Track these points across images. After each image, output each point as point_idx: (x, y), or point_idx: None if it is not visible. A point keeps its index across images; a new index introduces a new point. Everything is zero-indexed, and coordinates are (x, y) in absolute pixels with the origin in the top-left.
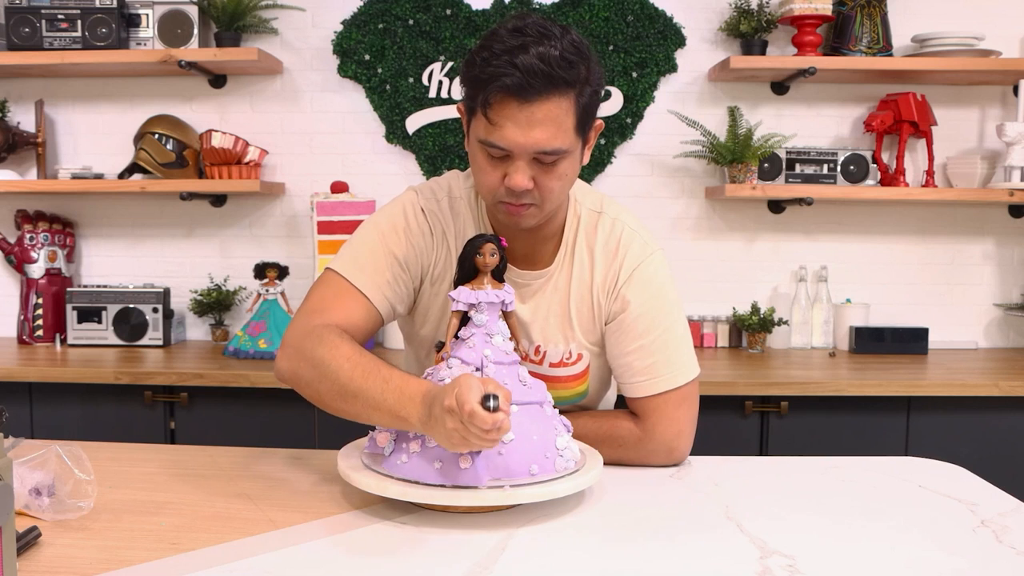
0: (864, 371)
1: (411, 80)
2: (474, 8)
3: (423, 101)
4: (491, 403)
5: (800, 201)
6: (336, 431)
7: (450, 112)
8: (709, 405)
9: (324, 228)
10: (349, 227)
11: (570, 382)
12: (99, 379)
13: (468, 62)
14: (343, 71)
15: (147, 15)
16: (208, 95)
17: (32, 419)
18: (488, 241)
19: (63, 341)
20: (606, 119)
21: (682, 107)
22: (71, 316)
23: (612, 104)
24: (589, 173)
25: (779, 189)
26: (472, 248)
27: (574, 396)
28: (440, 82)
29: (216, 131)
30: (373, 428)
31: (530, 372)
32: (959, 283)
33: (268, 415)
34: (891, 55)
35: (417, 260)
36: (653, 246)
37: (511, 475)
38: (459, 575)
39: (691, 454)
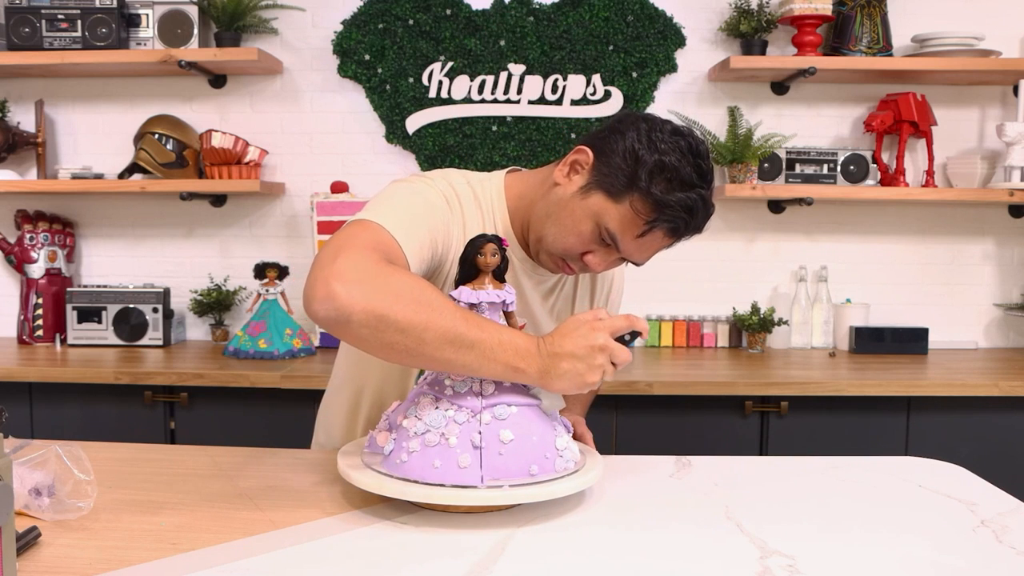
0: (864, 371)
1: (411, 80)
2: (474, 8)
3: (423, 101)
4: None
5: (800, 201)
6: None
7: (450, 112)
8: (709, 405)
9: (324, 228)
10: None
11: None
12: (99, 379)
13: (649, 171)
14: (343, 71)
15: (147, 15)
16: (208, 95)
17: (32, 419)
18: (490, 241)
19: (63, 341)
20: (606, 119)
21: (682, 107)
22: (71, 316)
23: (612, 104)
24: None
25: (779, 189)
26: (473, 248)
27: None
28: (440, 82)
29: (216, 131)
30: (372, 426)
31: None
32: (959, 283)
33: (268, 415)
34: (891, 55)
35: (442, 248)
36: None
37: (511, 475)
38: (459, 575)
39: (691, 454)
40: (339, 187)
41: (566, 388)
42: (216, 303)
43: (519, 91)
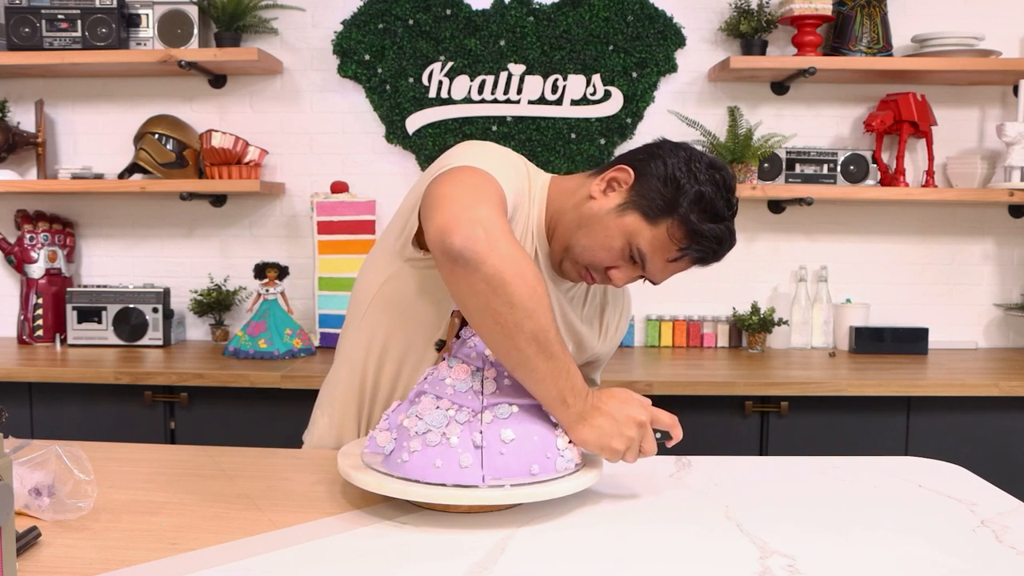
0: (864, 371)
1: (411, 80)
2: (474, 8)
3: (423, 101)
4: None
5: (800, 201)
6: None
7: (450, 112)
8: (709, 405)
9: (324, 228)
10: (349, 227)
11: None
12: (99, 379)
13: (690, 201)
14: (343, 71)
15: (147, 15)
16: (208, 95)
17: (32, 419)
18: None
19: (63, 341)
20: (606, 119)
21: (682, 107)
22: (71, 316)
23: (612, 104)
24: None
25: (779, 189)
26: None
27: None
28: (440, 82)
29: (216, 131)
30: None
31: None
32: (959, 283)
33: (268, 415)
34: (891, 55)
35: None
36: None
37: (512, 475)
38: (459, 575)
39: (691, 454)
40: (339, 187)
41: (590, 441)
42: (216, 303)
43: (519, 91)
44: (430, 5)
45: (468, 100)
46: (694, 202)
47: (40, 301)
